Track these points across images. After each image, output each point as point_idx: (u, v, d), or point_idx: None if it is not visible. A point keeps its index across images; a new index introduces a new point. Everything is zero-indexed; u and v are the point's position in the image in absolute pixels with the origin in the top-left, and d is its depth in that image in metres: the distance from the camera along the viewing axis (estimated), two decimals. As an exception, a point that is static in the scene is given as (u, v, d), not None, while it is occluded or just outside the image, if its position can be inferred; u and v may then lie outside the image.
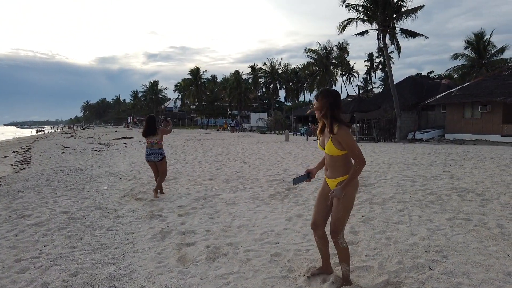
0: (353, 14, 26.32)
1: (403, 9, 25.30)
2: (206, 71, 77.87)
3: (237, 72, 65.89)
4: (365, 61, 63.41)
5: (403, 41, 26.41)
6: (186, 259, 3.97)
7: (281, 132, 38.04)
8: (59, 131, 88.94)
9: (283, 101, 72.57)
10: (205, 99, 71.41)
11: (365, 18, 26.04)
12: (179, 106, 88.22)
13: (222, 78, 79.33)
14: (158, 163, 7.34)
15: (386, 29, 25.61)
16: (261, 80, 66.43)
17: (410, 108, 26.97)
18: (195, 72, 73.13)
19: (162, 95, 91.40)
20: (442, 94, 25.53)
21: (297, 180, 3.45)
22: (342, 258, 3.22)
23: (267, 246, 4.24)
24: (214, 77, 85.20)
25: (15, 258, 4.06)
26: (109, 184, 8.81)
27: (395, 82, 26.97)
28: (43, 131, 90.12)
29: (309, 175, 3.41)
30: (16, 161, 15.77)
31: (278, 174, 9.20)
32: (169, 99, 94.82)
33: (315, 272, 3.44)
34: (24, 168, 12.72)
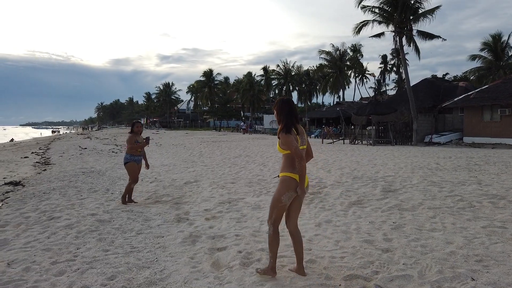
0: (369, 16, 26.19)
1: (420, 11, 25.07)
2: (220, 73, 78.31)
3: (249, 74, 66.08)
4: (380, 63, 62.81)
5: (419, 43, 26.10)
6: (219, 264, 3.95)
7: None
8: (74, 132, 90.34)
9: (296, 103, 72.50)
10: (217, 100, 71.74)
11: (382, 20, 25.85)
12: (191, 108, 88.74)
13: (235, 80, 79.63)
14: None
15: (403, 31, 25.38)
16: (274, 82, 66.53)
17: (427, 111, 26.63)
18: (208, 74, 73.61)
19: (175, 96, 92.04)
20: (460, 97, 25.17)
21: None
22: (268, 245, 3.58)
23: (300, 252, 4.20)
24: (226, 78, 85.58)
25: (51, 261, 4.10)
26: (131, 186, 8.86)
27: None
28: (59, 131, 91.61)
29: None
30: (36, 162, 16.00)
31: (300, 177, 9.15)
32: (182, 100, 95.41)
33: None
34: (45, 169, 12.90)
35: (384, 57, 62.64)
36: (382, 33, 26.39)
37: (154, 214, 6.20)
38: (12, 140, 44.78)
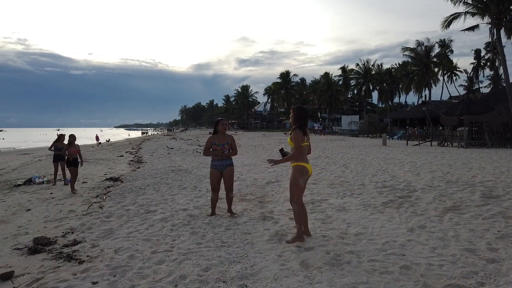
0: (460, 8, 24.20)
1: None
2: (296, 74, 78.23)
3: (326, 74, 64.97)
4: (474, 58, 57.48)
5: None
6: (308, 264, 3.93)
7: (375, 135, 36.36)
8: (160, 133, 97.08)
9: (376, 103, 69.56)
10: (294, 102, 71.73)
11: (475, 11, 23.69)
12: (268, 110, 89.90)
13: (311, 81, 78.97)
14: None
15: (501, 22, 22.98)
16: (352, 82, 64.62)
17: (531, 110, 23.71)
18: (285, 75, 74.04)
19: (252, 98, 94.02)
20: None
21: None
22: (295, 219, 4.68)
23: (392, 257, 4.01)
24: (303, 80, 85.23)
25: (151, 250, 4.45)
26: (216, 184, 9.24)
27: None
28: (147, 133, 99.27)
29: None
30: (131, 160, 17.51)
31: (386, 180, 8.75)
32: (259, 102, 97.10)
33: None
34: (139, 167, 14.04)
35: (477, 51, 57.25)
36: (476, 26, 24.22)
37: (239, 211, 6.39)
38: (108, 140, 49.65)
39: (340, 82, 64.94)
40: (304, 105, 69.22)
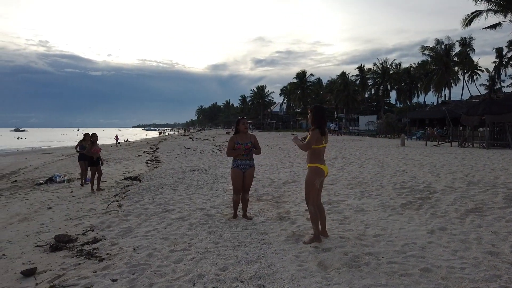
0: (482, 6, 23.59)
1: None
2: (312, 74, 77.72)
3: (343, 74, 64.29)
4: (495, 57, 56.01)
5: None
6: (326, 265, 3.90)
7: (393, 136, 35.82)
8: (177, 133, 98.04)
9: (394, 103, 68.54)
10: (310, 102, 71.35)
11: (498, 9, 23.10)
12: (284, 110, 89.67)
13: (328, 81, 78.37)
14: None
15: (525, 19, 22.35)
16: (370, 82, 63.80)
17: (556, 110, 22.93)
18: (301, 75, 73.68)
19: (268, 99, 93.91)
20: None
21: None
22: (311, 220, 4.61)
23: (412, 259, 3.94)
24: (319, 80, 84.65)
25: (169, 249, 4.49)
26: (233, 184, 9.27)
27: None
28: (164, 133, 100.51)
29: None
30: (148, 160, 17.73)
31: (405, 181, 8.61)
32: (275, 102, 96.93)
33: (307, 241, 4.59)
34: (156, 167, 14.20)
35: (499, 50, 55.74)
36: (499, 24, 23.62)
37: (256, 211, 6.39)
38: (126, 140, 50.45)
39: (357, 82, 64.21)
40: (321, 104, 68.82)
